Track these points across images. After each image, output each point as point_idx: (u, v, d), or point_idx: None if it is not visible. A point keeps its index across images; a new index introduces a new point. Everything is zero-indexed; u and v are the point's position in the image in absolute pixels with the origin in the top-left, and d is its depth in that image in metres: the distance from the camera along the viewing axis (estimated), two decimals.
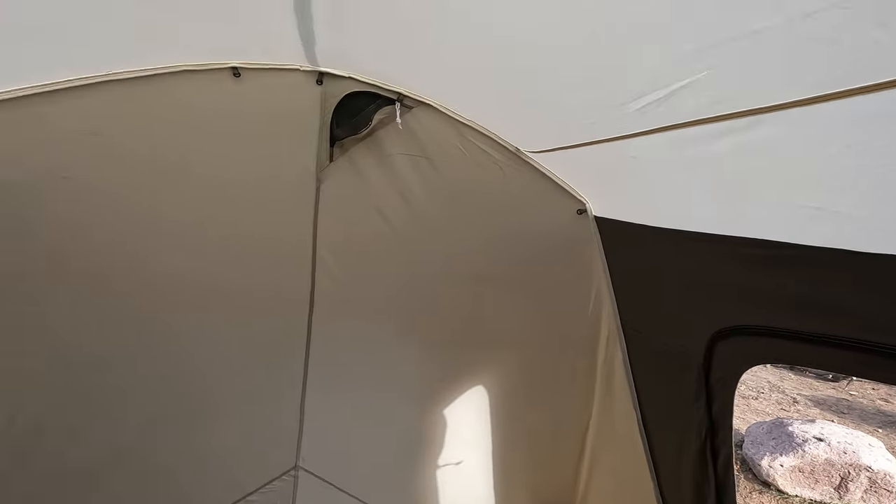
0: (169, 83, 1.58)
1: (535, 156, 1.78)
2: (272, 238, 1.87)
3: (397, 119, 1.78)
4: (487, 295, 1.98)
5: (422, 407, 2.27)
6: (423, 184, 1.89)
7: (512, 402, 2.29)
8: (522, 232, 1.89)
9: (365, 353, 2.12)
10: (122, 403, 1.80)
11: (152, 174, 1.60)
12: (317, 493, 2.39)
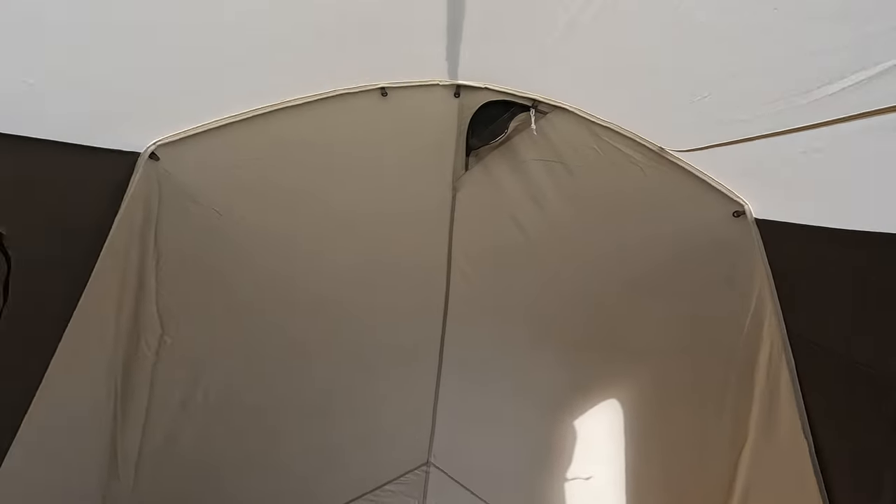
0: (328, 106, 1.77)
1: (681, 155, 1.67)
2: (409, 244, 2.00)
3: (532, 125, 1.79)
4: (626, 301, 1.89)
5: (553, 416, 2.23)
6: (557, 189, 1.88)
7: (648, 416, 2.15)
8: (665, 234, 1.78)
9: (497, 358, 2.15)
10: (293, 390, 2.04)
11: (317, 180, 1.81)
12: (446, 490, 2.47)
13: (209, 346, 1.96)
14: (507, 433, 2.32)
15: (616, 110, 1.71)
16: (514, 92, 1.81)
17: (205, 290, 1.85)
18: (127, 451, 2.05)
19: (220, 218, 1.75)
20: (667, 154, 1.70)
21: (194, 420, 2.07)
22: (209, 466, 2.17)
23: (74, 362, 1.58)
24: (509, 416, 2.27)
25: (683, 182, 1.69)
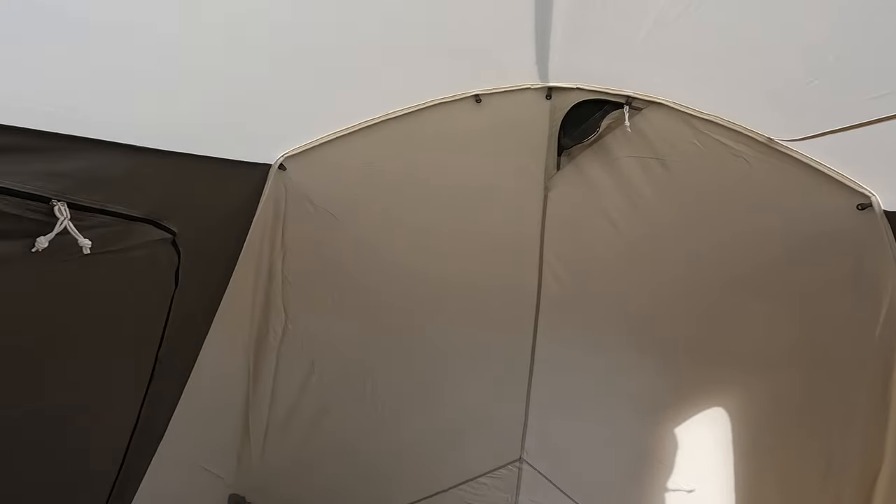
0: (426, 115, 1.93)
1: (793, 144, 1.56)
2: (502, 243, 2.07)
3: (626, 122, 1.78)
4: (730, 302, 1.79)
5: (651, 421, 2.16)
6: (653, 185, 1.84)
7: (760, 431, 1.99)
8: (773, 230, 1.66)
9: (591, 356, 2.14)
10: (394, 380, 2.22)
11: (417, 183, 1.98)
12: (539, 488, 2.47)
13: (324, 333, 2.21)
14: (602, 435, 2.28)
15: (718, 102, 1.65)
16: (606, 90, 1.82)
17: (321, 283, 2.10)
18: (257, 421, 2.38)
19: (333, 217, 1.98)
20: (776, 144, 1.60)
21: (311, 399, 2.34)
22: (322, 441, 2.43)
23: (222, 340, 1.90)
24: (604, 417, 2.24)
25: (795, 173, 1.58)
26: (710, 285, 1.82)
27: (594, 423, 2.28)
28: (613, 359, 2.13)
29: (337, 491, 2.54)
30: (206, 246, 1.56)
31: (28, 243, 0.96)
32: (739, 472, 2.07)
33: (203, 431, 2.13)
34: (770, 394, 1.92)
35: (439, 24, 1.30)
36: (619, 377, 2.15)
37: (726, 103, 1.63)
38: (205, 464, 2.26)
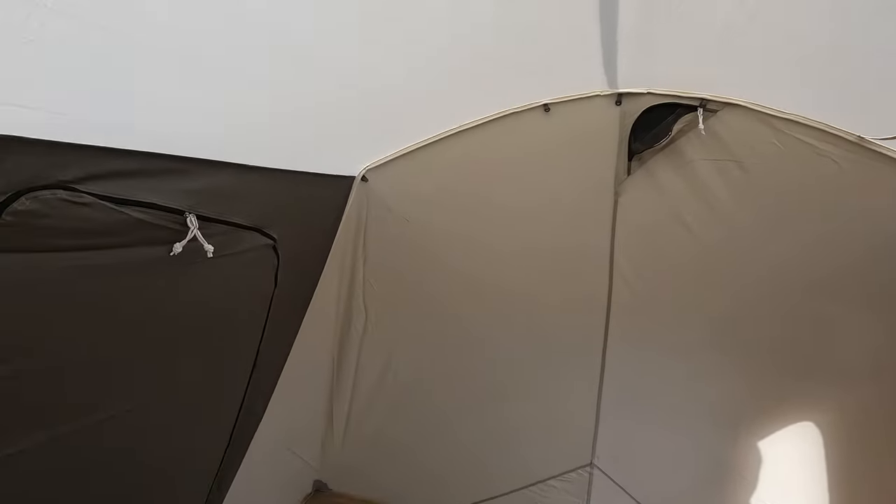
0: (496, 126, 2.01)
1: (887, 142, 1.46)
2: (571, 247, 2.10)
3: (700, 125, 1.75)
4: (813, 306, 1.70)
5: (730, 431, 2.09)
6: (729, 188, 1.80)
7: (852, 445, 1.86)
8: (862, 232, 1.56)
9: (665, 362, 2.11)
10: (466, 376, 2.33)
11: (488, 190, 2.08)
12: (611, 495, 2.45)
13: (400, 332, 2.36)
14: (679, 444, 2.23)
15: (801, 102, 1.58)
16: (679, 93, 1.80)
17: (397, 285, 2.25)
18: (339, 411, 2.58)
19: (408, 224, 2.12)
20: (867, 143, 1.51)
21: (387, 392, 2.50)
22: (397, 434, 2.58)
23: (310, 336, 2.11)
24: (681, 425, 2.19)
25: (888, 171, 1.48)
26: (791, 289, 1.74)
27: (671, 430, 2.23)
28: (691, 364, 2.08)
29: (411, 482, 2.67)
30: (300, 250, 1.75)
31: (168, 248, 1.17)
32: (834, 497, 1.94)
33: (293, 419, 2.35)
34: (866, 412, 1.79)
35: (506, 41, 1.38)
36: (697, 383, 2.10)
37: (812, 103, 1.57)
38: (294, 448, 2.49)
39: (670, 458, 2.28)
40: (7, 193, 0.84)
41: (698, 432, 2.17)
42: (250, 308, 1.59)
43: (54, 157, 0.91)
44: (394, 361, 2.44)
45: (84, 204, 0.96)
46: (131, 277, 1.12)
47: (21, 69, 0.73)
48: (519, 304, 2.20)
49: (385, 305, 2.31)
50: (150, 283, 1.17)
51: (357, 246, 2.16)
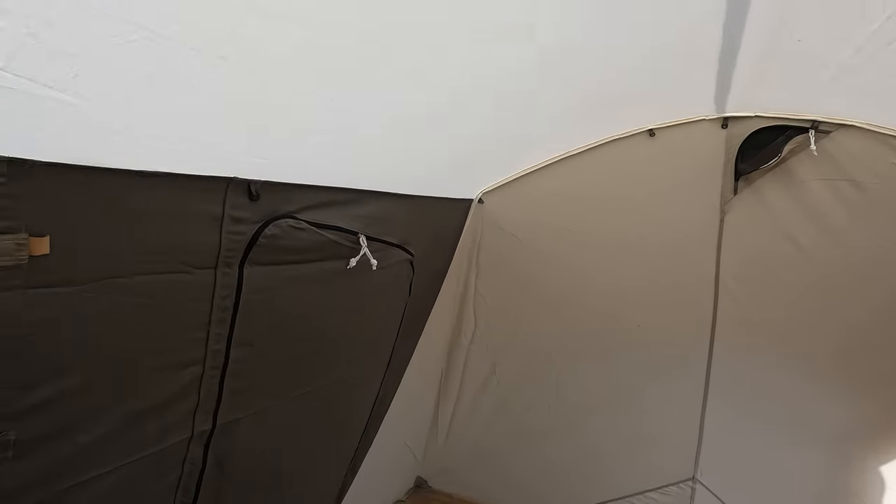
0: (601, 151, 2.17)
1: None
2: (675, 264, 2.19)
3: (812, 146, 1.80)
4: None
5: (844, 455, 2.05)
6: (845, 208, 1.81)
7: None
8: None
9: (773, 381, 2.12)
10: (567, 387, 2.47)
11: (594, 211, 2.23)
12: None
13: (505, 340, 2.56)
14: (788, 464, 2.21)
15: None
16: (789, 116, 1.86)
17: (506, 296, 2.46)
18: (445, 411, 2.81)
19: (518, 240, 2.33)
20: None
21: (490, 397, 2.69)
22: (497, 436, 2.74)
23: (428, 340, 2.38)
24: (790, 446, 2.17)
25: None
26: None
27: (782, 450, 2.21)
28: (804, 385, 2.07)
29: (507, 486, 2.81)
30: (428, 264, 2.02)
31: (345, 262, 1.47)
32: None
33: (409, 415, 2.62)
34: None
35: (621, 73, 1.54)
36: (806, 405, 2.08)
37: None
38: (408, 441, 2.76)
39: (780, 478, 2.25)
40: (261, 222, 1.17)
41: (811, 453, 2.13)
42: (391, 313, 1.88)
43: (284, 195, 1.23)
44: (498, 369, 2.64)
45: (301, 229, 1.27)
46: (322, 284, 1.43)
47: (260, 135, 1.04)
48: (622, 317, 2.31)
49: (493, 316, 2.52)
50: (332, 288, 1.48)
51: (471, 260, 2.41)
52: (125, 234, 0.91)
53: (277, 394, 1.38)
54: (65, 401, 0.89)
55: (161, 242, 0.97)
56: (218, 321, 1.14)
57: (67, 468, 0.94)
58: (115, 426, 1.00)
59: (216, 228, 1.07)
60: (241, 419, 1.29)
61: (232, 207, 1.08)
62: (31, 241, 0.77)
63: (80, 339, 0.89)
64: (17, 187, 0.74)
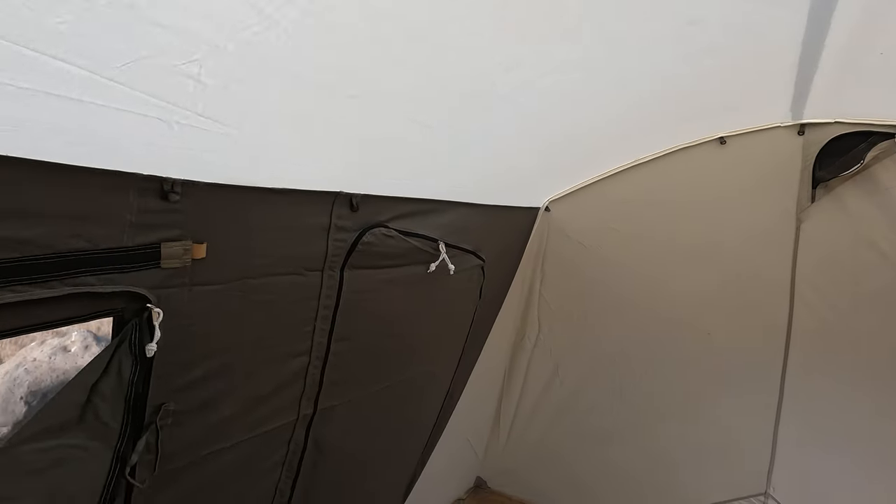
0: (671, 159, 2.19)
1: None
2: (748, 272, 2.16)
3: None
4: None
5: None
6: None
7: None
8: None
9: (852, 395, 2.05)
10: (633, 392, 2.49)
11: (663, 218, 2.25)
12: None
13: (569, 345, 2.61)
14: (863, 485, 2.11)
15: None
16: (872, 122, 1.81)
17: (569, 301, 2.51)
18: (507, 412, 2.88)
19: (583, 247, 2.38)
20: None
21: (552, 400, 2.74)
22: (556, 441, 2.78)
23: (494, 342, 2.47)
24: (865, 465, 2.08)
25: None
26: None
27: (862, 468, 2.12)
28: (886, 399, 1.99)
29: (568, 486, 2.84)
30: (496, 270, 2.13)
31: (425, 267, 1.60)
32: None
33: (473, 413, 2.72)
34: None
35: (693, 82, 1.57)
36: (892, 422, 1.99)
37: None
38: (470, 439, 2.86)
39: (860, 497, 2.16)
40: (359, 231, 1.32)
41: (893, 475, 2.03)
42: (463, 315, 2.00)
43: (378, 206, 1.37)
44: (561, 371, 2.69)
45: (391, 236, 1.41)
46: (406, 287, 1.56)
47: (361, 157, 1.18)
48: (692, 323, 2.30)
49: (557, 320, 2.58)
50: (414, 291, 1.61)
51: (536, 266, 2.49)
52: (257, 242, 1.08)
53: (367, 385, 1.53)
54: (209, 381, 1.07)
55: (283, 248, 1.14)
56: (322, 317, 1.30)
57: (206, 438, 1.12)
58: (241, 405, 1.17)
59: (324, 236, 1.23)
60: (335, 406, 1.45)
61: (337, 217, 1.24)
62: (193, 247, 0.94)
63: (221, 330, 1.06)
64: (186, 203, 0.91)
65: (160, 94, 0.68)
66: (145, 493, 1.00)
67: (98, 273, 0.81)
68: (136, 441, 0.93)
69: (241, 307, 1.09)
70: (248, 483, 1.29)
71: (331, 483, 1.54)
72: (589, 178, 2.29)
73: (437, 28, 0.80)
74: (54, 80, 0.58)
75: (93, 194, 0.78)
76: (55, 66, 0.56)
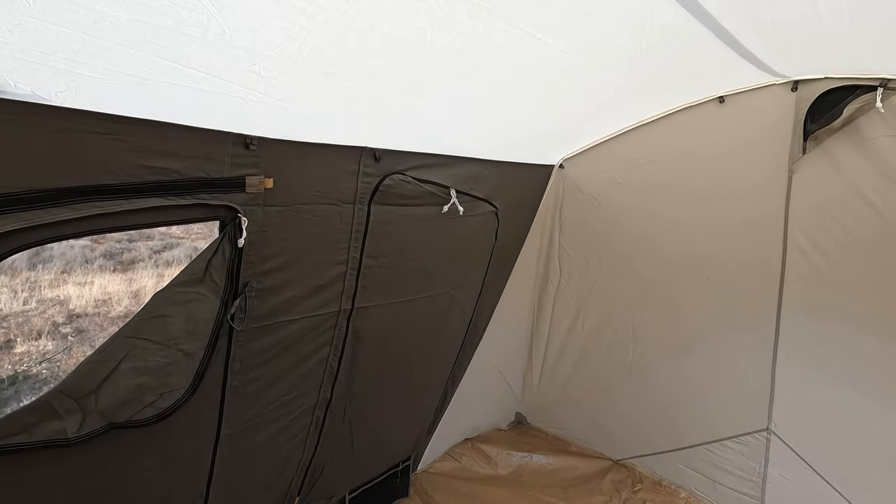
0: (674, 118, 2.42)
1: None
2: (744, 222, 2.36)
3: (878, 104, 1.87)
4: None
5: None
6: None
7: None
8: None
9: (844, 336, 2.20)
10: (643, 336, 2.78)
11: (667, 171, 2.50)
12: (789, 463, 2.53)
13: (586, 291, 2.95)
14: (860, 420, 2.26)
15: None
16: (858, 76, 1.93)
17: (586, 249, 2.85)
18: (537, 353, 3.28)
19: (595, 201, 2.70)
20: None
21: (575, 342, 3.09)
22: (581, 380, 3.13)
23: (518, 282, 2.89)
24: (861, 401, 2.22)
25: None
26: None
27: (855, 406, 2.26)
28: (874, 340, 2.12)
29: (592, 426, 3.18)
30: (512, 217, 2.53)
31: (439, 208, 2.06)
32: None
33: (502, 345, 3.15)
34: None
35: (691, 46, 1.78)
36: (880, 360, 2.13)
37: None
38: (503, 371, 3.31)
39: (856, 435, 2.30)
40: (381, 176, 1.81)
41: (888, 411, 2.16)
42: (480, 252, 2.44)
43: (396, 158, 1.85)
44: (581, 315, 3.03)
45: (408, 182, 1.89)
46: (423, 222, 2.04)
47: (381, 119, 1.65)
48: (695, 268, 2.54)
49: (575, 267, 2.93)
50: (431, 226, 2.09)
51: (554, 217, 2.84)
52: (306, 179, 1.61)
53: (393, 295, 2.05)
54: (279, 271, 1.63)
55: (324, 185, 1.66)
56: (355, 239, 1.82)
57: (278, 310, 1.69)
58: (302, 291, 1.73)
59: (354, 179, 1.74)
60: (368, 307, 1.98)
61: (364, 165, 1.74)
62: (264, 180, 1.49)
63: (286, 236, 1.61)
64: (261, 151, 1.45)
65: (240, 84, 1.20)
66: (242, 338, 1.60)
67: (210, 192, 1.38)
68: (234, 301, 1.52)
69: (297, 224, 1.63)
70: (308, 351, 1.86)
71: (368, 365, 2.09)
72: (599, 137, 2.58)
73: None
74: (188, 79, 1.12)
75: (208, 144, 1.34)
76: (189, 72, 1.10)
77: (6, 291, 6.96)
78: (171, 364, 1.40)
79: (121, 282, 7.87)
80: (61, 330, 6.32)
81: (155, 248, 9.28)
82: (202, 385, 1.50)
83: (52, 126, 1.09)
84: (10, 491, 1.25)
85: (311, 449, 2.11)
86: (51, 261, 8.04)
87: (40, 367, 5.53)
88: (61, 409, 1.24)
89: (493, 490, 2.83)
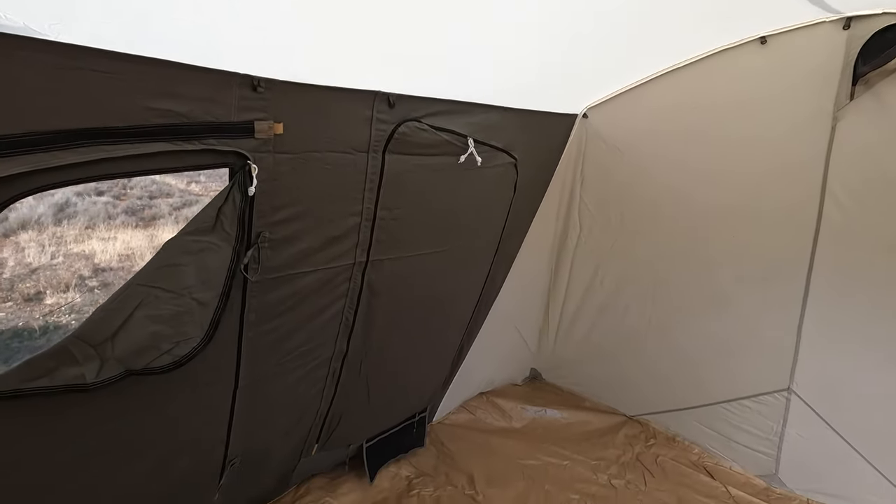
0: (711, 62, 2.25)
1: None
2: (781, 172, 2.22)
3: None
4: None
5: None
6: None
7: None
8: None
9: (877, 298, 2.11)
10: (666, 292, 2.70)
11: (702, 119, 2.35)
12: (808, 422, 2.50)
13: (607, 246, 2.86)
14: (883, 383, 2.20)
15: None
16: None
17: (608, 204, 2.75)
18: (554, 310, 3.25)
19: (620, 152, 2.57)
20: None
21: (594, 299, 3.04)
22: (600, 336, 3.10)
23: (537, 237, 2.81)
24: (887, 364, 2.15)
25: None
26: None
27: (880, 369, 2.20)
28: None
29: (610, 383, 3.17)
30: (532, 169, 2.43)
31: (456, 158, 1.98)
32: None
33: (519, 301, 3.12)
34: None
35: None
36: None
37: None
38: (518, 326, 3.30)
39: (878, 396, 2.25)
40: (396, 123, 1.72)
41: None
42: (498, 204, 2.36)
43: (412, 104, 1.75)
44: (601, 271, 2.97)
45: (424, 130, 1.80)
46: (439, 172, 1.96)
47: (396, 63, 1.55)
48: (725, 221, 2.43)
49: (595, 223, 2.84)
50: (447, 177, 2.01)
51: (576, 170, 2.73)
52: (318, 125, 1.53)
53: (408, 248, 2.00)
54: (291, 221, 1.59)
55: (337, 132, 1.58)
56: (369, 189, 1.76)
57: (293, 261, 1.66)
58: (316, 243, 1.69)
59: (368, 126, 1.65)
60: (383, 260, 1.95)
61: (378, 111, 1.65)
62: (274, 125, 1.42)
63: (298, 185, 1.56)
64: (269, 94, 1.38)
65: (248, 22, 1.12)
66: (256, 289, 1.58)
67: (218, 137, 1.32)
68: (247, 251, 1.49)
69: (309, 172, 1.57)
70: (324, 304, 1.85)
71: (384, 318, 2.08)
72: (628, 83, 2.43)
73: None
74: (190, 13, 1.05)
75: (215, 85, 1.27)
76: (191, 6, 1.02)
77: (34, 245, 7.17)
78: (185, 313, 1.39)
79: (143, 237, 8.05)
80: (87, 283, 6.51)
81: (175, 205, 9.42)
82: (217, 335, 1.50)
83: (49, 62, 1.03)
84: (34, 434, 1.28)
85: (329, 399, 2.14)
86: (75, 216, 8.23)
87: (69, 318, 5.74)
88: (80, 355, 1.25)
89: (507, 442, 2.88)
